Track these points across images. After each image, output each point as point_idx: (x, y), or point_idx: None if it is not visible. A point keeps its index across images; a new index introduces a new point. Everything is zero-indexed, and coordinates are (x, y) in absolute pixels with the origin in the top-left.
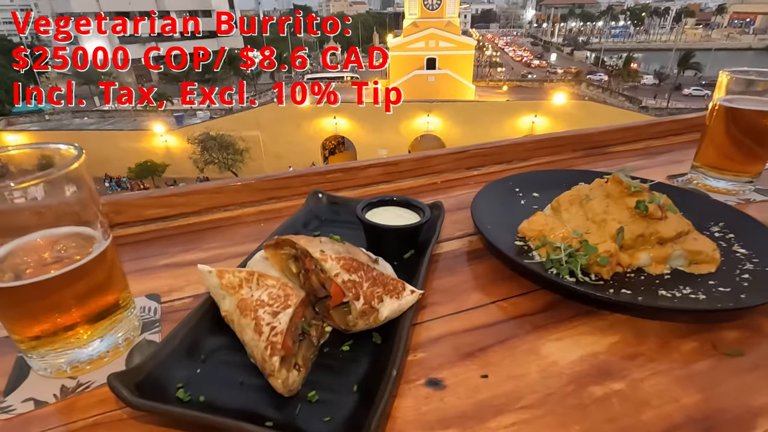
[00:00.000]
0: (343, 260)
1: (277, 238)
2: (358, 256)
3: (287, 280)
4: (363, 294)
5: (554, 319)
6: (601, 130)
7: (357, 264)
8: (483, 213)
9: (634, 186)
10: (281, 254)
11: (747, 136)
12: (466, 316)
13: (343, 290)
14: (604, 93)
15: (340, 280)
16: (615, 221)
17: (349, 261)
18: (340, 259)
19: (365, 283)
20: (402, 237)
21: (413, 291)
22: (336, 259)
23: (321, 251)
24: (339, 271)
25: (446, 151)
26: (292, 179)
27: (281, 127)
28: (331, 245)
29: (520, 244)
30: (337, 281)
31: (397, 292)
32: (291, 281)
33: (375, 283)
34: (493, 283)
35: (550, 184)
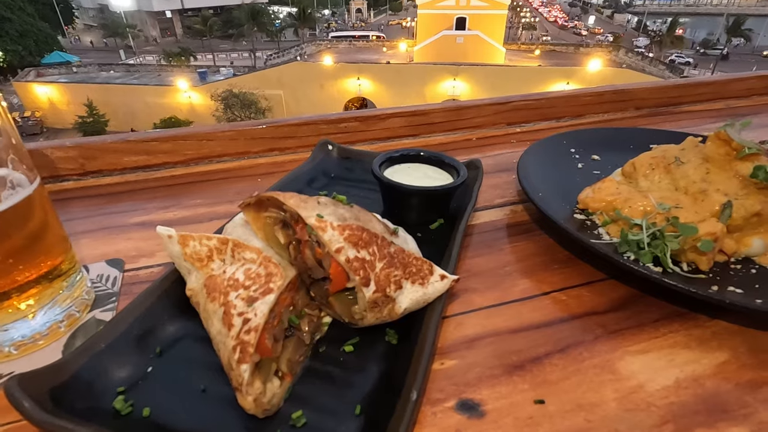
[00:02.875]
0: (349, 230)
1: (259, 195)
2: (370, 225)
3: (272, 253)
4: (375, 277)
5: (633, 321)
6: (672, 84)
7: (369, 236)
8: (532, 177)
9: (748, 146)
10: (265, 218)
11: None
12: (512, 311)
13: (348, 272)
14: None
15: (343, 257)
16: (719, 193)
17: (357, 231)
18: (344, 228)
19: (378, 263)
20: (429, 202)
21: (444, 276)
22: (339, 228)
23: (318, 216)
24: (342, 245)
25: (485, 101)
26: (299, 127)
27: (304, 86)
28: (334, 208)
29: (581, 218)
30: (339, 259)
31: (422, 276)
32: (277, 255)
33: (392, 263)
34: (545, 267)
35: (614, 145)
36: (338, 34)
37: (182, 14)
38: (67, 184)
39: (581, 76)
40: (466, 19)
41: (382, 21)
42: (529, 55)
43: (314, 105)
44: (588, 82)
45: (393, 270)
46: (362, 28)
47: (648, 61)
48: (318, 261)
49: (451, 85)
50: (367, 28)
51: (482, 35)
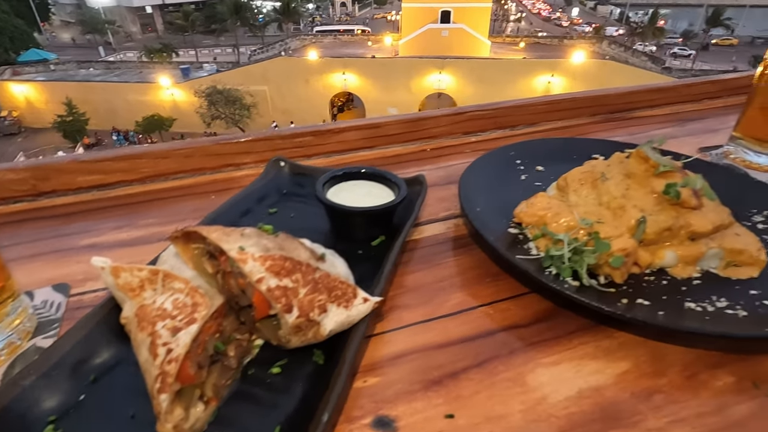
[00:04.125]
0: (271, 260)
1: (184, 229)
2: (295, 253)
3: (202, 282)
4: (298, 304)
5: (550, 333)
6: (624, 91)
7: (292, 264)
8: (474, 190)
9: (663, 164)
10: (193, 249)
11: None
12: (440, 326)
13: (269, 300)
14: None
15: (264, 286)
16: (636, 209)
17: (279, 261)
18: (266, 258)
19: (302, 290)
20: (368, 220)
21: (366, 299)
22: (260, 259)
23: (240, 248)
24: (263, 275)
25: (441, 112)
26: (254, 143)
27: (289, 82)
28: (257, 239)
29: (514, 233)
30: (261, 288)
31: (347, 299)
32: (208, 283)
33: (316, 289)
34: (478, 281)
35: (560, 156)
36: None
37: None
38: (20, 206)
39: (565, 67)
40: (450, 12)
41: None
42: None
43: (300, 100)
44: (572, 73)
45: (317, 295)
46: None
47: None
48: (242, 290)
49: (437, 79)
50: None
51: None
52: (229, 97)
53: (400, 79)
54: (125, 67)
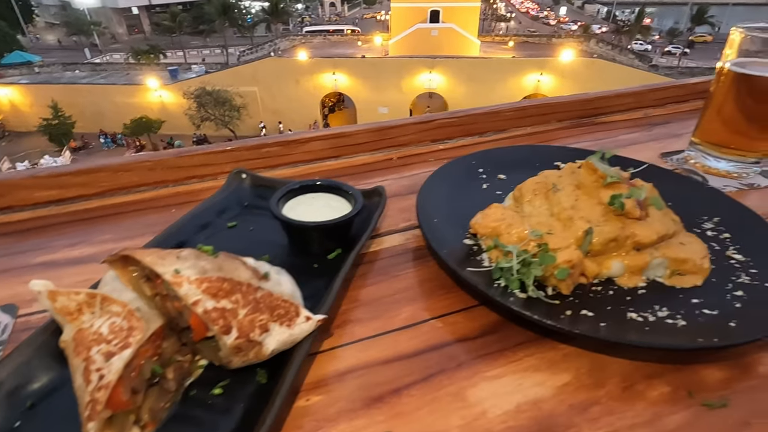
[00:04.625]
0: (208, 282)
1: (119, 253)
2: (235, 273)
3: (142, 303)
4: (237, 325)
5: (497, 346)
6: (592, 97)
7: (231, 285)
8: (433, 200)
9: (610, 175)
10: (131, 271)
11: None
12: (390, 340)
13: (206, 322)
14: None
15: (200, 309)
16: (583, 220)
17: (217, 283)
18: (202, 281)
19: (242, 310)
20: (323, 235)
21: (309, 318)
22: (197, 282)
23: (175, 271)
24: (199, 298)
25: (408, 120)
26: (217, 154)
27: (279, 82)
28: (195, 261)
29: (469, 244)
30: (197, 311)
31: (289, 318)
32: (148, 305)
33: (257, 309)
34: (432, 293)
35: (522, 164)
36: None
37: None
38: None
39: (554, 66)
40: (439, 11)
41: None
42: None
43: (290, 101)
44: (561, 72)
45: (258, 315)
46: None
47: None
48: (180, 312)
49: (427, 78)
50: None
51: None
52: (219, 99)
53: (391, 78)
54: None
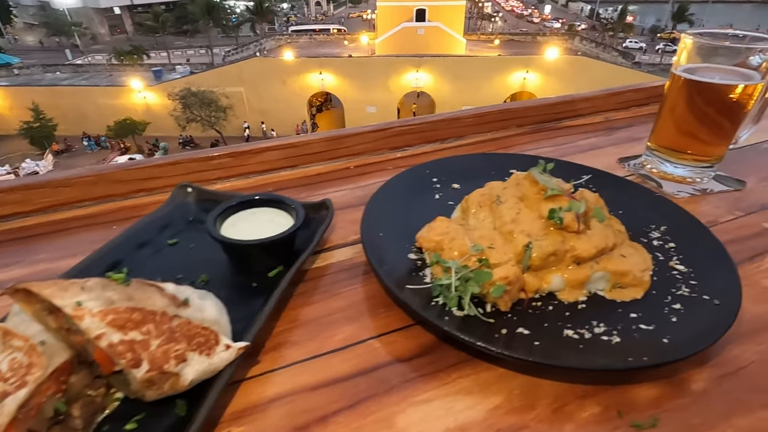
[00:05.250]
0: (114, 314)
1: (15, 286)
2: (148, 302)
3: (49, 336)
4: (149, 357)
5: (431, 368)
6: (553, 102)
7: (141, 315)
8: (381, 213)
9: (551, 188)
10: (35, 303)
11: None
12: (323, 363)
13: (111, 357)
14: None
15: (104, 343)
16: (523, 234)
17: (125, 314)
18: (107, 313)
19: (154, 341)
20: (261, 253)
21: (228, 346)
22: (100, 314)
23: (77, 304)
24: (104, 331)
25: (365, 129)
26: (165, 167)
27: (265, 83)
28: (101, 291)
29: (414, 258)
30: (101, 345)
31: (209, 346)
32: (55, 337)
33: (173, 339)
34: (372, 311)
35: (477, 173)
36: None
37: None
38: None
39: (539, 64)
40: (425, 10)
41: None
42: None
43: (277, 101)
44: (546, 69)
45: (174, 345)
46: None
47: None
48: (85, 346)
49: (414, 77)
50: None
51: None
52: (204, 99)
53: (378, 78)
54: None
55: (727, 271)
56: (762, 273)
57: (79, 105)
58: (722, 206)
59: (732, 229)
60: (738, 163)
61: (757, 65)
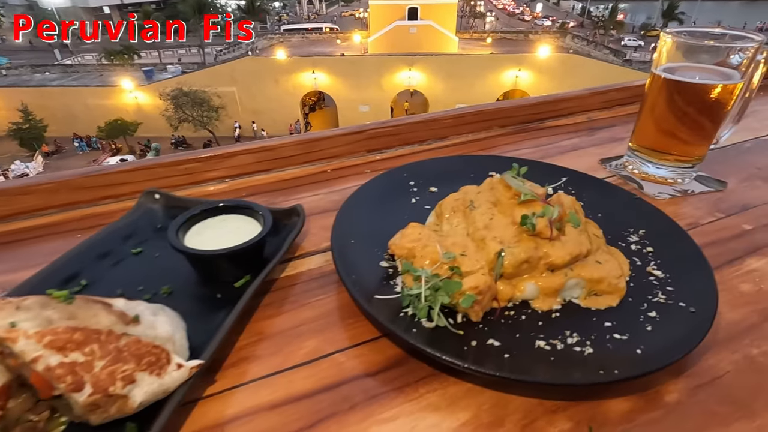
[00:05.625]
0: (53, 335)
1: None
2: (92, 321)
3: None
4: (92, 379)
5: (398, 383)
6: (534, 102)
7: (84, 335)
8: (354, 219)
9: (524, 193)
10: None
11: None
12: (285, 380)
13: (49, 381)
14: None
15: (41, 366)
16: (496, 241)
17: (65, 334)
18: (44, 334)
19: (98, 362)
20: (226, 263)
21: (180, 365)
22: (37, 336)
23: (11, 325)
24: (41, 354)
25: (338, 131)
26: (131, 173)
27: (258, 82)
28: (39, 311)
29: (386, 266)
30: (37, 368)
31: (160, 366)
32: None
33: (120, 359)
34: (340, 323)
35: (456, 176)
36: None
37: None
38: None
39: (531, 62)
40: (417, 9)
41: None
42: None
43: (270, 100)
44: (538, 67)
45: (121, 365)
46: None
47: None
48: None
49: (407, 76)
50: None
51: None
52: (196, 99)
53: (371, 76)
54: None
55: (704, 277)
56: (740, 277)
57: (69, 105)
58: (703, 207)
59: (712, 231)
60: (719, 163)
61: (737, 64)
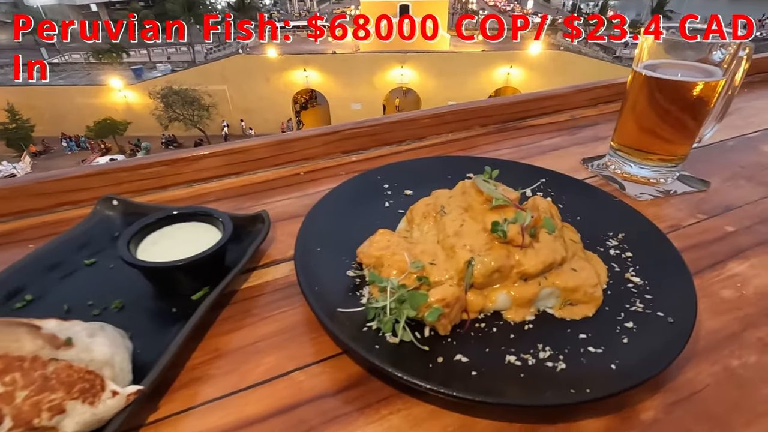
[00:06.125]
0: None
1: None
2: (13, 346)
3: None
4: (13, 411)
5: (359, 403)
6: (515, 100)
7: (4, 363)
8: (322, 225)
9: (496, 198)
10: None
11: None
12: (238, 402)
13: None
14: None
15: None
16: (465, 249)
17: None
18: None
19: (20, 392)
20: (181, 275)
21: (116, 392)
22: None
23: None
24: None
25: (312, 132)
26: (89, 178)
27: (249, 80)
28: None
29: (353, 276)
30: None
31: (94, 393)
32: None
33: (47, 387)
34: (302, 337)
35: (432, 177)
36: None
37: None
38: None
39: (522, 59)
40: (409, 6)
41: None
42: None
43: (261, 99)
44: (529, 64)
45: (48, 395)
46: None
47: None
48: None
49: (399, 73)
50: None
51: None
52: (186, 98)
53: (363, 74)
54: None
55: (683, 285)
56: (721, 282)
57: (56, 105)
58: (685, 209)
59: (694, 233)
60: (702, 162)
61: (719, 60)
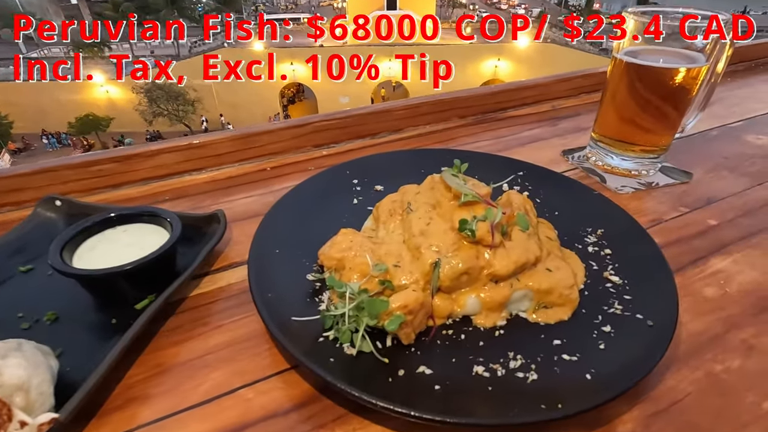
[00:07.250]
0: None
1: None
2: None
3: None
4: None
5: (312, 423)
6: (495, 90)
7: None
8: (281, 225)
9: (464, 193)
10: None
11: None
12: (176, 425)
13: None
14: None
15: None
16: (431, 249)
17: None
18: None
19: None
20: (120, 283)
21: (24, 423)
22: None
23: None
24: None
25: (279, 125)
26: (30, 177)
27: None
28: None
29: (313, 280)
30: None
31: (1, 423)
32: None
33: None
34: (254, 349)
35: (405, 172)
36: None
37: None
38: None
39: (510, 51)
40: None
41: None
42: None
43: (248, 93)
44: (517, 57)
45: None
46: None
47: None
48: None
49: (387, 66)
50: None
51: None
52: (171, 93)
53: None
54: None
55: (664, 284)
56: (704, 280)
57: (36, 101)
58: (667, 202)
59: (676, 228)
60: (685, 152)
61: (702, 47)
